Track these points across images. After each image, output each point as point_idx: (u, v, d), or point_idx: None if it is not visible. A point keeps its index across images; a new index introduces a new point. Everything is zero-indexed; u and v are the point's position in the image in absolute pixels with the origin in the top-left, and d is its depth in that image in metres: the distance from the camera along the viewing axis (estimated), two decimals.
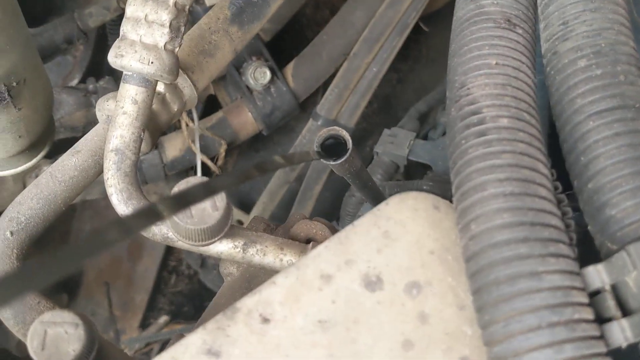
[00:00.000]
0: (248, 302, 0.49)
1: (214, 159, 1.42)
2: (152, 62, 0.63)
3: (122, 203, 0.65)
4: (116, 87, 1.18)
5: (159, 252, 2.10)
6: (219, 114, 1.42)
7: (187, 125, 1.31)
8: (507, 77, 0.55)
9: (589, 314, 0.44)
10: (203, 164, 1.41)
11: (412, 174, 1.39)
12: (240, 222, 1.75)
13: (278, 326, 0.49)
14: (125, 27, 0.64)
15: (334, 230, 0.74)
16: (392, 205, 0.55)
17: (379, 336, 0.49)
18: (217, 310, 0.69)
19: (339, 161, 0.68)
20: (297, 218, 0.80)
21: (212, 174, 1.47)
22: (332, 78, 1.49)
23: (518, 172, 0.49)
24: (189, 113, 1.34)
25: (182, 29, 0.65)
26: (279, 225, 0.82)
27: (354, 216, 1.31)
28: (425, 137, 1.38)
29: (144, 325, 2.05)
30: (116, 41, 0.65)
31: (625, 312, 0.46)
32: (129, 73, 0.64)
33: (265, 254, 0.64)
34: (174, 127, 1.38)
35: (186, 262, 2.11)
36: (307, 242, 0.72)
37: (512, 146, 0.50)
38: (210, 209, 0.57)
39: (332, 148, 0.72)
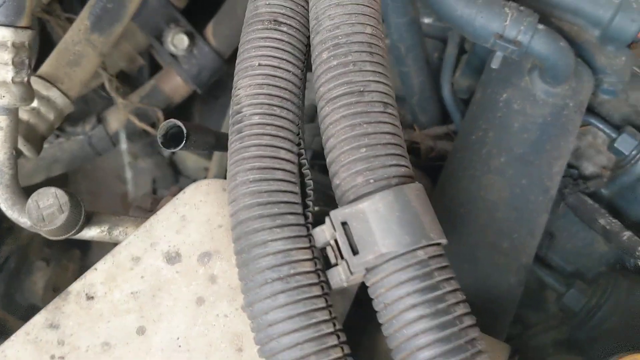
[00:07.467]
0: (76, 286, 0.66)
1: (154, 124, 1.56)
2: (3, 97, 0.76)
3: (8, 209, 0.81)
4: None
5: None
6: (151, 82, 1.54)
7: (121, 100, 1.45)
8: (265, 76, 0.67)
9: (306, 267, 0.59)
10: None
11: None
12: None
13: (100, 301, 0.65)
14: None
15: None
16: (188, 193, 0.69)
17: (177, 298, 0.65)
18: None
19: (180, 147, 0.82)
20: (174, 191, 0.95)
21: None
22: None
23: (261, 161, 0.62)
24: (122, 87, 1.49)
25: (27, 61, 0.78)
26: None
27: None
28: None
29: None
30: None
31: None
32: None
33: (127, 233, 0.80)
34: (112, 102, 1.52)
35: None
36: None
37: (258, 140, 0.63)
38: (57, 211, 0.72)
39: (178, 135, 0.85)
